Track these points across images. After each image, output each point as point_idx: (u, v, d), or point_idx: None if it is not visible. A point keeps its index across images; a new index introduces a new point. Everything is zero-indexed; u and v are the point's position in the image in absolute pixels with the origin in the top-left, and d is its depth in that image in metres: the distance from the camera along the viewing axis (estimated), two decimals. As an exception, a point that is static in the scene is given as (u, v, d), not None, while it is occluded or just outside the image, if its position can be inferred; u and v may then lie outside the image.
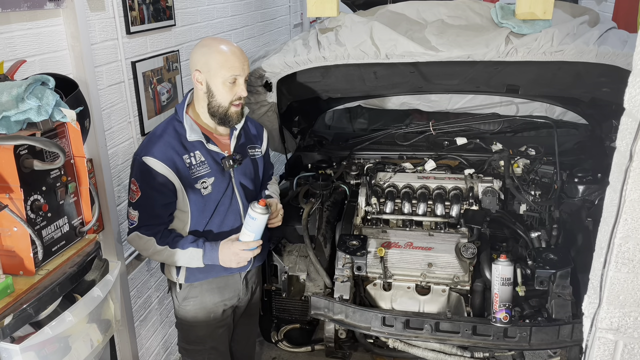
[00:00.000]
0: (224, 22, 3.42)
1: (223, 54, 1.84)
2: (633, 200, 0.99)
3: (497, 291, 1.99)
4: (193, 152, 1.89)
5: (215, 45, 1.87)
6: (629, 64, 1.49)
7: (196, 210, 1.93)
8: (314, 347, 2.51)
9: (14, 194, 1.29)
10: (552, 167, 2.70)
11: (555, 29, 2.22)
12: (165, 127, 1.92)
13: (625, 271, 1.05)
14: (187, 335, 2.13)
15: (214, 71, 1.83)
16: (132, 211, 1.89)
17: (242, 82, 1.87)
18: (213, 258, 1.89)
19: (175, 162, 1.85)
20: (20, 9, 1.63)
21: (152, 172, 1.82)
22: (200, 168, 1.89)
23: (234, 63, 1.84)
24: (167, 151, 1.84)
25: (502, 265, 1.98)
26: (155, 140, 1.87)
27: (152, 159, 1.82)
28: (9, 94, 1.29)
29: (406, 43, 2.31)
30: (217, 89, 1.86)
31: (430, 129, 3.14)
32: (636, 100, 0.97)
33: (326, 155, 3.09)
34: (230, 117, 1.91)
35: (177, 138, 1.88)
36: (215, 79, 1.84)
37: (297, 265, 2.43)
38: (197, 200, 1.91)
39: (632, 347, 1.10)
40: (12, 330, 1.26)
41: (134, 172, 1.87)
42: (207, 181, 1.90)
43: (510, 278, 1.98)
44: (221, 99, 1.87)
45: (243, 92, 1.88)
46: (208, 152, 1.92)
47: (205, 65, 1.84)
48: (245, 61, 1.88)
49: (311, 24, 5.49)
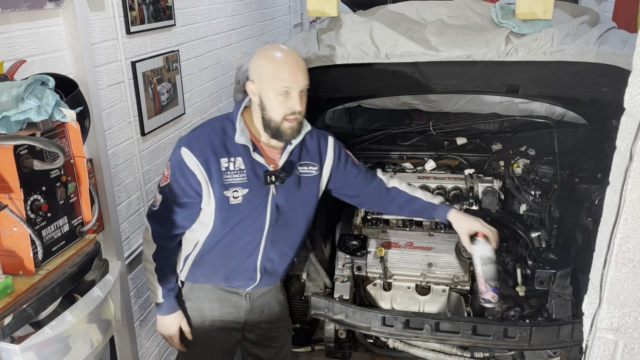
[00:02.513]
0: (224, 22, 3.42)
1: (274, 64, 1.71)
2: (633, 200, 0.99)
3: (480, 272, 1.91)
4: (235, 157, 1.78)
5: (268, 53, 1.74)
6: (629, 64, 1.49)
7: (219, 218, 1.82)
8: (314, 347, 2.50)
9: (14, 194, 1.29)
10: (552, 167, 2.70)
11: (555, 29, 2.21)
12: (215, 123, 1.83)
13: (625, 271, 1.05)
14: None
15: (264, 82, 1.71)
16: (157, 195, 1.84)
17: (296, 95, 1.70)
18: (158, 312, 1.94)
19: (210, 162, 1.76)
20: (20, 9, 1.63)
21: (183, 164, 1.76)
22: (237, 176, 1.78)
23: (284, 74, 1.69)
24: (204, 148, 1.76)
25: (482, 244, 1.90)
26: (199, 134, 1.80)
27: (188, 152, 1.75)
28: (9, 94, 1.29)
29: (406, 43, 2.31)
30: (268, 101, 1.72)
31: (430, 129, 3.14)
32: (636, 100, 0.97)
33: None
34: (283, 133, 1.76)
35: (223, 138, 1.78)
36: (266, 91, 1.71)
37: (297, 265, 2.43)
38: (223, 207, 1.80)
39: (632, 347, 1.10)
40: (12, 330, 1.26)
41: (172, 157, 1.81)
42: (239, 191, 1.79)
43: (492, 256, 1.91)
44: (273, 113, 1.73)
45: (297, 106, 1.71)
46: (251, 162, 1.79)
47: (258, 75, 1.72)
48: (300, 71, 1.72)
49: (311, 24, 5.49)
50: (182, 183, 1.78)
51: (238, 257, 1.90)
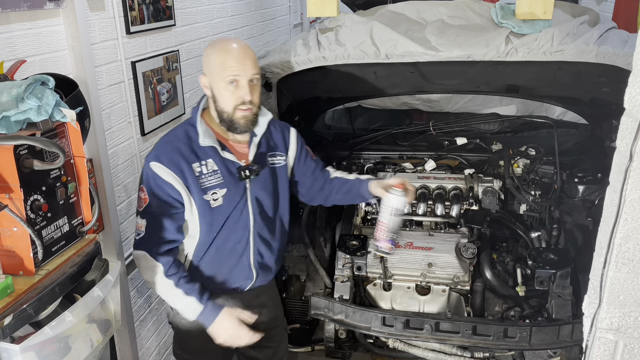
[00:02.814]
0: (224, 22, 3.42)
1: (221, 54, 1.72)
2: (633, 200, 0.99)
3: (385, 220, 1.83)
4: (205, 160, 1.77)
5: (216, 45, 1.76)
6: (629, 64, 1.49)
7: (204, 224, 1.80)
8: (314, 347, 2.51)
9: (14, 194, 1.29)
10: (552, 167, 2.70)
11: (555, 29, 2.22)
12: (177, 131, 1.81)
13: (625, 271, 1.05)
14: (180, 344, 2.05)
15: (214, 73, 1.73)
16: (139, 220, 1.77)
17: (245, 83, 1.71)
18: (207, 321, 1.79)
19: (183, 170, 1.74)
20: (20, 9, 1.63)
21: (158, 178, 1.72)
22: (212, 178, 1.77)
23: (231, 63, 1.70)
24: (174, 157, 1.73)
25: (397, 195, 1.81)
26: (164, 145, 1.77)
27: (159, 165, 1.72)
28: (9, 94, 1.29)
29: (406, 43, 2.31)
30: (219, 92, 1.73)
31: (430, 129, 3.14)
32: (636, 100, 0.97)
33: (326, 155, 3.09)
34: (237, 123, 1.75)
35: (188, 144, 1.76)
36: (217, 82, 1.73)
37: (297, 265, 2.44)
38: (205, 212, 1.78)
39: (632, 347, 1.10)
40: (12, 330, 1.26)
41: (142, 178, 1.77)
42: (218, 192, 1.78)
43: (402, 210, 1.83)
44: (224, 103, 1.73)
45: (247, 95, 1.71)
46: (222, 161, 1.79)
47: (207, 67, 1.75)
48: (248, 60, 1.73)
49: (311, 24, 5.49)
50: (163, 197, 1.74)
51: (231, 259, 1.89)
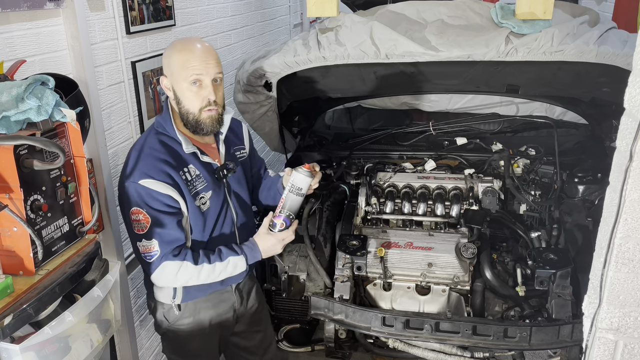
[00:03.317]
0: (224, 22, 3.42)
1: (182, 53, 1.66)
2: (633, 200, 0.99)
3: (284, 196, 1.80)
4: (187, 166, 1.73)
5: (177, 45, 1.70)
6: (629, 64, 1.49)
7: (197, 229, 1.78)
8: (314, 347, 2.51)
9: (14, 194, 1.29)
10: (552, 167, 2.70)
11: (555, 29, 2.22)
12: (149, 143, 1.72)
13: (625, 271, 1.05)
14: (178, 350, 2.00)
15: (175, 74, 1.66)
16: (146, 243, 1.67)
17: (208, 83, 1.66)
18: (256, 256, 1.81)
19: (174, 179, 1.69)
20: (20, 9, 1.63)
21: (154, 193, 1.65)
22: (197, 183, 1.75)
23: (193, 62, 1.64)
24: (163, 168, 1.67)
25: (299, 173, 1.77)
26: (146, 159, 1.68)
27: (150, 181, 1.65)
28: (9, 94, 1.29)
29: (406, 43, 2.31)
30: (182, 93, 1.68)
31: (430, 129, 3.14)
32: (636, 100, 0.97)
33: (326, 155, 3.09)
34: (203, 124, 1.71)
35: (169, 153, 1.71)
36: (179, 83, 1.67)
37: (297, 265, 2.43)
38: (197, 218, 1.76)
39: (632, 347, 1.10)
40: (12, 330, 1.26)
41: (133, 201, 1.66)
42: (205, 196, 1.77)
43: (303, 191, 1.80)
44: (188, 105, 1.68)
45: (211, 95, 1.67)
46: (202, 165, 1.77)
47: (169, 68, 1.69)
48: (211, 59, 1.67)
49: (311, 24, 5.49)
50: (165, 209, 1.68)
51: None
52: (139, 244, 1.70)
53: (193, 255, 1.73)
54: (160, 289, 1.88)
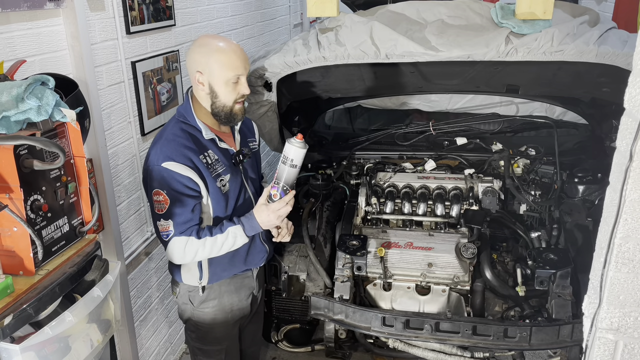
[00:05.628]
0: (224, 22, 3.42)
1: (224, 54, 1.79)
2: (633, 200, 0.99)
3: (278, 168, 1.85)
4: (206, 151, 1.86)
5: (214, 44, 1.81)
6: (629, 64, 1.49)
7: (218, 209, 1.89)
8: (314, 347, 2.51)
9: (14, 194, 1.29)
10: (552, 167, 2.70)
11: (555, 29, 2.21)
12: (173, 130, 1.85)
13: (625, 271, 1.05)
14: (204, 337, 2.08)
15: (216, 72, 1.79)
16: (164, 222, 1.81)
17: (244, 80, 1.84)
18: (254, 226, 1.87)
19: (195, 163, 1.81)
20: (20, 9, 1.63)
21: (176, 175, 1.76)
22: (217, 166, 1.87)
23: (236, 62, 1.80)
24: (184, 153, 1.79)
25: (293, 145, 1.78)
26: (169, 144, 1.80)
27: (173, 163, 1.76)
28: (9, 94, 1.29)
29: (406, 43, 2.31)
30: (220, 89, 1.82)
31: (430, 129, 3.14)
32: (636, 100, 0.97)
33: (326, 155, 3.09)
34: (235, 115, 1.88)
35: (190, 139, 1.84)
36: (218, 80, 1.80)
37: (297, 265, 2.43)
38: (219, 198, 1.88)
39: (632, 347, 1.10)
40: (12, 330, 1.26)
41: (156, 183, 1.78)
42: (224, 178, 1.88)
43: (296, 163, 1.81)
44: (225, 99, 1.83)
45: (246, 89, 1.85)
46: (220, 150, 1.90)
47: (207, 66, 1.79)
48: (246, 59, 1.85)
49: (311, 24, 5.49)
50: (185, 191, 1.78)
51: None
52: (158, 223, 1.83)
53: (198, 230, 1.84)
54: (188, 271, 1.98)
